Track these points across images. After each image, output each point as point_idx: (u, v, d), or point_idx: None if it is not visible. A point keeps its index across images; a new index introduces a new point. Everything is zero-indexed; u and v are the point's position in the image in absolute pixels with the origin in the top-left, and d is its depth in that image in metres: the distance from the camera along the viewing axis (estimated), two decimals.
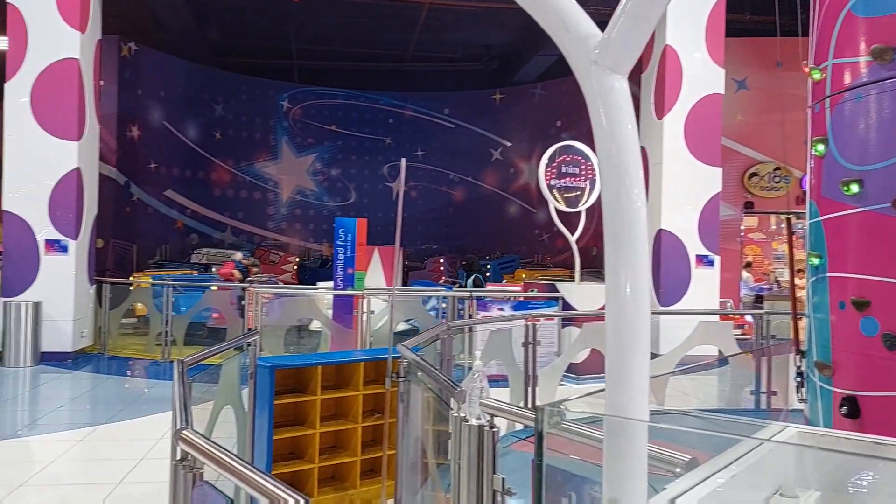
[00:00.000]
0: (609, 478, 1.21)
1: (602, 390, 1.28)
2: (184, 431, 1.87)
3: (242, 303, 10.03)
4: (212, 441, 1.84)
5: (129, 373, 9.26)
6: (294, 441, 4.64)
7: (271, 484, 1.57)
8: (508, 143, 19.90)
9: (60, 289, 9.66)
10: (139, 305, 11.13)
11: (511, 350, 6.29)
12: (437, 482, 3.30)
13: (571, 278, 11.01)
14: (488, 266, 17.65)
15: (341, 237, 9.60)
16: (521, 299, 9.76)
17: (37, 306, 9.40)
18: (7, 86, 9.62)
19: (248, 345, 4.53)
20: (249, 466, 1.68)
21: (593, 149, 1.55)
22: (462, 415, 2.81)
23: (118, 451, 5.70)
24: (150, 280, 11.53)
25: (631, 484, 1.19)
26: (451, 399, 2.97)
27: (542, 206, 19.48)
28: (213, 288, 11.16)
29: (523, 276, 17.28)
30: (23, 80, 9.58)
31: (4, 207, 9.63)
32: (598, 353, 7.24)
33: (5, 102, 9.63)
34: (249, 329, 8.11)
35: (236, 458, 1.72)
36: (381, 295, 9.59)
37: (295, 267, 16.71)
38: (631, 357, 1.27)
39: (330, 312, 9.57)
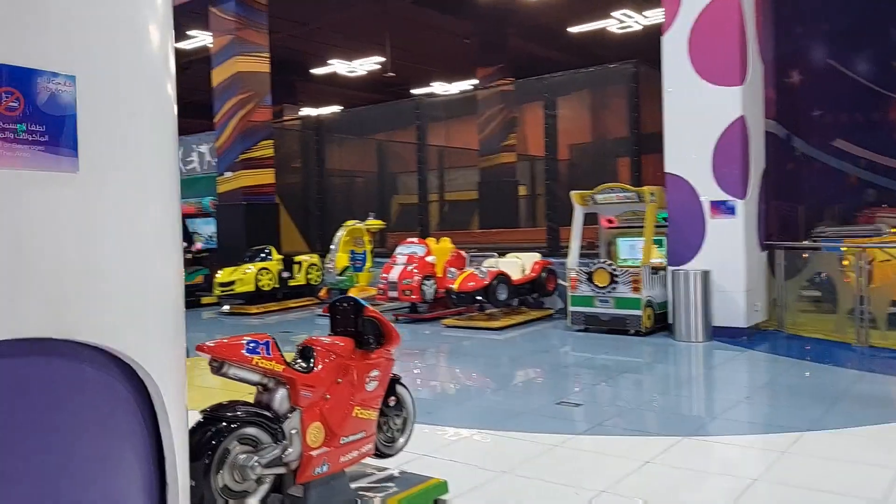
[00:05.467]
0: None
1: None
2: None
3: None
4: None
5: (810, 358, 7.52)
6: None
7: None
8: None
9: (729, 256, 8.57)
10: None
11: None
12: None
13: None
14: None
15: None
16: None
17: (705, 275, 8.51)
18: (664, 38, 8.99)
19: None
20: None
21: None
22: None
23: (840, 474, 4.03)
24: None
25: None
26: None
27: None
28: None
29: None
30: (679, 29, 8.80)
31: (667, 170, 9.06)
32: None
33: (663, 57, 9.02)
34: None
35: None
36: None
37: None
38: None
39: None
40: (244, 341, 3.15)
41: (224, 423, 3.05)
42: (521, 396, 6.31)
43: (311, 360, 3.45)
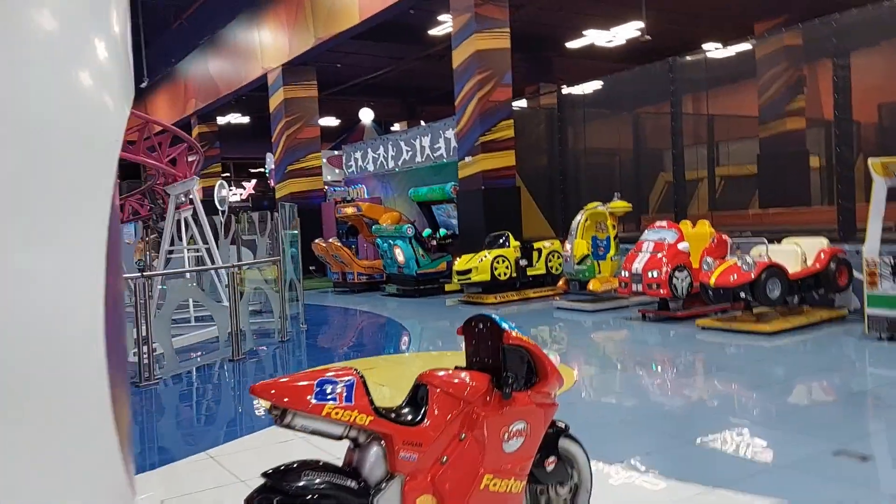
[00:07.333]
0: None
1: None
2: None
3: None
4: None
5: None
6: None
7: None
8: None
9: None
10: None
11: None
12: None
13: None
14: None
15: None
16: None
17: None
18: None
19: None
20: None
21: None
22: None
23: None
24: None
25: None
26: None
27: None
28: None
29: None
30: None
31: None
32: None
33: None
34: None
35: None
36: None
37: None
38: None
39: None
40: (315, 383, 2.31)
41: (285, 495, 2.24)
42: (782, 437, 4.70)
43: (424, 406, 2.51)
